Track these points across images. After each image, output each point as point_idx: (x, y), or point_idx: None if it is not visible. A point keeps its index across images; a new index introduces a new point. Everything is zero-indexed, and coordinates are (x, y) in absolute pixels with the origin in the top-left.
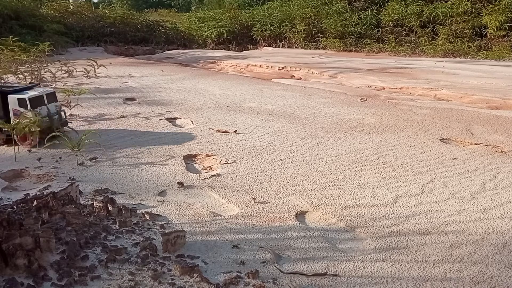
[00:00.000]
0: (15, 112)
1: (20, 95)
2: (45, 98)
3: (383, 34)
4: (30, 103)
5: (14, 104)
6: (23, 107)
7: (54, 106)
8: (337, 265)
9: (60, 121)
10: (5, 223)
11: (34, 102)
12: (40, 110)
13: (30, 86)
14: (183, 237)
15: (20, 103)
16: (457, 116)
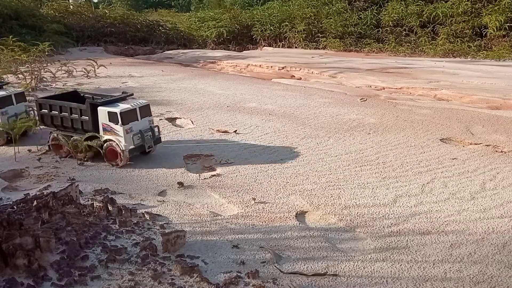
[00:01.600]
0: (105, 127)
1: (111, 107)
2: (138, 112)
3: (383, 34)
4: (121, 117)
5: (104, 118)
6: (114, 121)
7: (147, 121)
8: (337, 265)
9: (153, 139)
10: (5, 223)
11: (126, 117)
12: (132, 126)
13: (122, 97)
14: (183, 237)
15: (110, 117)
16: (457, 116)
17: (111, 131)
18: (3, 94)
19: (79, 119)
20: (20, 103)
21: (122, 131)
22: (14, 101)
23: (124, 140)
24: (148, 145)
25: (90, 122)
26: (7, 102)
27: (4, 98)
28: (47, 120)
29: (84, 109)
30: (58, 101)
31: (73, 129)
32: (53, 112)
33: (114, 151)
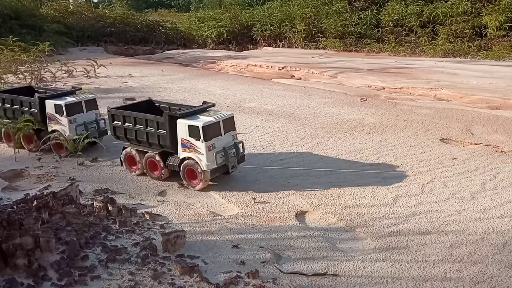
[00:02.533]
0: (184, 143)
1: (193, 121)
2: (222, 125)
3: (383, 34)
4: (203, 132)
5: (184, 133)
6: (194, 137)
7: (231, 135)
8: (337, 265)
9: (237, 157)
10: (5, 223)
11: (209, 131)
12: (215, 143)
13: (203, 108)
14: (183, 237)
15: (190, 131)
16: (457, 116)
17: (191, 147)
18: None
19: (155, 133)
20: (90, 111)
21: (203, 148)
22: (84, 108)
23: (206, 158)
24: (232, 165)
25: (168, 137)
26: (76, 109)
27: (74, 104)
28: (120, 133)
29: (162, 122)
30: (132, 112)
31: (148, 143)
32: (127, 125)
33: (193, 171)
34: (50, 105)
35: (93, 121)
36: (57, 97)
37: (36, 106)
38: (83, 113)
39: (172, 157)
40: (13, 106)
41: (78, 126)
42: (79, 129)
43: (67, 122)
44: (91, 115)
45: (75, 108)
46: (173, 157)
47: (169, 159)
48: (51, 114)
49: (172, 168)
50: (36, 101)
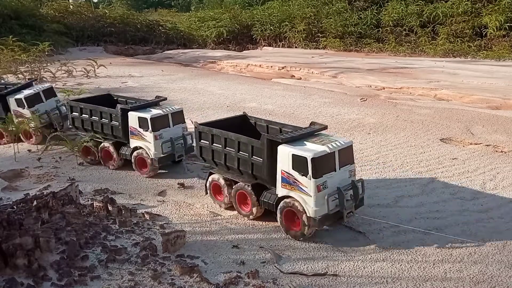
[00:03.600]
0: (286, 178)
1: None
2: None
3: (383, 34)
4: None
5: (287, 164)
6: (301, 171)
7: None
8: (337, 265)
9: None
10: (5, 223)
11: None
12: None
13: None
14: (183, 237)
15: (295, 164)
16: (457, 116)
17: (294, 184)
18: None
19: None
20: (177, 125)
21: (312, 187)
22: (171, 122)
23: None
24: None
25: (264, 167)
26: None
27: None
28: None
29: (258, 147)
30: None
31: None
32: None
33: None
34: (134, 118)
35: (179, 136)
36: (141, 108)
37: (118, 119)
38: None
39: (267, 192)
40: (92, 117)
41: (164, 142)
42: (165, 147)
43: (153, 138)
44: (178, 130)
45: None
46: (268, 192)
47: (264, 194)
48: (134, 128)
49: None
50: (118, 113)
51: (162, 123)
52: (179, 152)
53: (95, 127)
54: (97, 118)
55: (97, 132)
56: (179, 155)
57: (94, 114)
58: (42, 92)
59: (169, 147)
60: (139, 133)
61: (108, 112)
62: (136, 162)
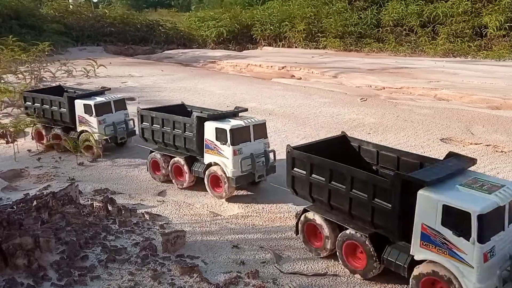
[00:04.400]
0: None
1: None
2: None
3: (383, 34)
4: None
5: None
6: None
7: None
8: (337, 265)
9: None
10: (5, 223)
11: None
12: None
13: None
14: (183, 237)
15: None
16: (457, 116)
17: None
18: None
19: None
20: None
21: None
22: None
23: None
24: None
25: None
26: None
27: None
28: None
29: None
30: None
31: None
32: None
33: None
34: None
35: (261, 153)
36: (220, 119)
37: (192, 129)
38: (250, 142)
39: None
40: (164, 127)
41: (243, 159)
42: (244, 164)
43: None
44: (259, 145)
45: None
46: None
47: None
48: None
49: None
50: (193, 122)
51: (243, 137)
52: (260, 171)
53: (166, 138)
54: (169, 128)
55: (168, 145)
56: (260, 175)
57: (166, 124)
58: (113, 102)
59: (249, 165)
60: (215, 147)
61: (182, 121)
62: (209, 181)
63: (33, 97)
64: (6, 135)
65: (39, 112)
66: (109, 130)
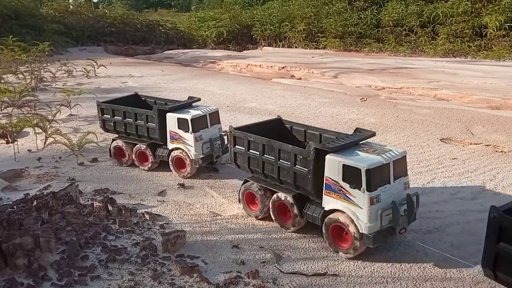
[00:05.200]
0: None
1: None
2: None
3: (383, 34)
4: None
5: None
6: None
7: None
8: (337, 265)
9: None
10: (5, 223)
11: None
12: None
13: None
14: (183, 237)
15: None
16: (457, 116)
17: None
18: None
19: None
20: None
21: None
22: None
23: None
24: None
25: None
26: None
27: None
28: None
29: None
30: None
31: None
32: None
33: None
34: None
35: None
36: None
37: (309, 164)
38: None
39: None
40: (265, 155)
41: None
42: None
43: None
44: None
45: None
46: None
47: None
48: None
49: None
50: (310, 154)
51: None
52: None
53: (268, 169)
54: (273, 158)
55: (269, 177)
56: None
57: (268, 151)
58: (209, 115)
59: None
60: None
61: (293, 151)
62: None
63: (113, 110)
64: (6, 135)
65: (120, 127)
66: (206, 148)
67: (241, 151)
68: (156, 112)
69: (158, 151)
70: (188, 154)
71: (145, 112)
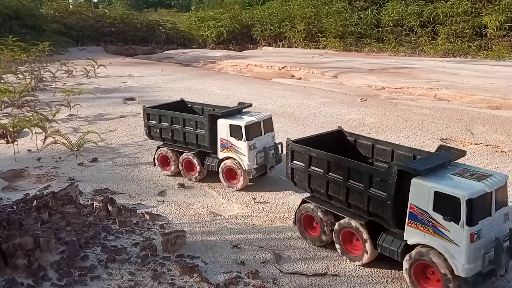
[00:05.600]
0: None
1: None
2: None
3: (383, 34)
4: None
5: None
6: None
7: None
8: (337, 265)
9: None
10: (5, 223)
11: None
12: None
13: None
14: (183, 237)
15: None
16: (457, 116)
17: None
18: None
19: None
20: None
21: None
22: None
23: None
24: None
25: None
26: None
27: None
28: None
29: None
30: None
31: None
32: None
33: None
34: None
35: None
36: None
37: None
38: None
39: None
40: (331, 173)
41: None
42: None
43: None
44: None
45: None
46: None
47: None
48: None
49: None
50: (392, 176)
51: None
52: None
53: (334, 190)
54: (341, 178)
55: (335, 199)
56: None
57: (334, 170)
58: (263, 122)
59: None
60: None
61: (368, 172)
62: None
63: (159, 115)
64: (6, 135)
65: (166, 133)
66: (260, 158)
67: (300, 167)
68: (207, 117)
69: (206, 160)
70: (240, 164)
71: (194, 117)
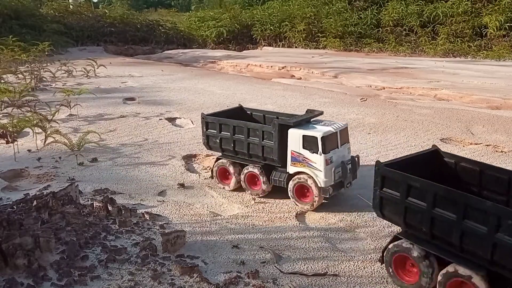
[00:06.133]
0: None
1: None
2: None
3: (383, 34)
4: None
5: None
6: None
7: None
8: (337, 265)
9: None
10: (5, 223)
11: None
12: None
13: None
14: (183, 237)
15: None
16: (457, 116)
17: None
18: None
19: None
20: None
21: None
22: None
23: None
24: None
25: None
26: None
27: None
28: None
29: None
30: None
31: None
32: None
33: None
34: None
35: None
36: None
37: None
38: None
39: None
40: (419, 200)
41: None
42: None
43: None
44: None
45: None
46: None
47: None
48: None
49: None
50: None
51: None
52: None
53: (441, 230)
54: (454, 216)
55: (440, 240)
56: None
57: (443, 205)
58: (339, 132)
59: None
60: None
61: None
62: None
63: (220, 124)
64: (6, 135)
65: (228, 144)
66: (337, 173)
67: (394, 198)
68: (276, 127)
69: (273, 175)
70: (315, 180)
71: (261, 127)
